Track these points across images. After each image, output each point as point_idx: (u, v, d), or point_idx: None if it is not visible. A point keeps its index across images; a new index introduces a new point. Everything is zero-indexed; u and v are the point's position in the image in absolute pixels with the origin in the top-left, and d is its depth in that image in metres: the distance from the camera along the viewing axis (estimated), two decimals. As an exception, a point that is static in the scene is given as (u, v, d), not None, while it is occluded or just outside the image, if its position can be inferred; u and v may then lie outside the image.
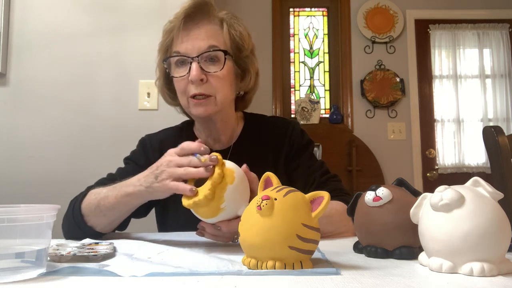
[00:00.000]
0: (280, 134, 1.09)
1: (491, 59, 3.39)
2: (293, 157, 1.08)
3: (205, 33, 0.96)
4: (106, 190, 0.86)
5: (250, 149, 1.07)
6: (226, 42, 0.99)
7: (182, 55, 0.96)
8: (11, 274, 0.49)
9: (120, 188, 0.83)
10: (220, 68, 0.96)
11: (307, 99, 3.33)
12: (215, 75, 0.95)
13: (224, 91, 0.98)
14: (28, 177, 1.75)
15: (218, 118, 1.03)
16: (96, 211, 0.86)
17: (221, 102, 0.98)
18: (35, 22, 1.83)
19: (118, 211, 0.85)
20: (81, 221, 0.87)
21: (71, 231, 0.90)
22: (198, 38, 0.95)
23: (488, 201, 0.52)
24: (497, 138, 1.19)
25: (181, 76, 0.96)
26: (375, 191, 0.64)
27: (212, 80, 0.96)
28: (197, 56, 0.94)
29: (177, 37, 0.97)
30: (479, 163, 3.28)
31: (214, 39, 0.97)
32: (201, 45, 0.95)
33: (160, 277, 0.51)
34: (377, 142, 3.27)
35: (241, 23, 1.03)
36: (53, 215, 0.54)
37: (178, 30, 0.97)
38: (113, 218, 0.87)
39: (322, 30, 3.54)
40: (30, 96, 1.80)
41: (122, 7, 1.84)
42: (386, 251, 0.62)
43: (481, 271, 0.49)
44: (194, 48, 0.95)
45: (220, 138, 1.07)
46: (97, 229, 0.88)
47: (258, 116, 1.16)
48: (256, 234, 0.54)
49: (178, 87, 0.99)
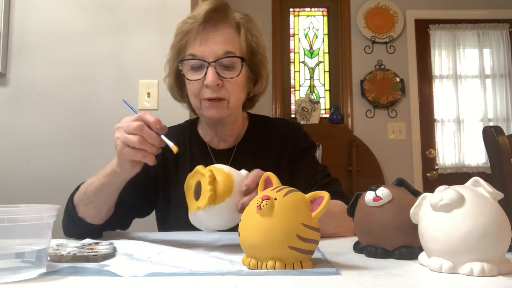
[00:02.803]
0: (284, 136, 1.10)
1: (491, 59, 3.40)
2: (296, 158, 1.09)
3: (222, 38, 0.97)
4: (93, 178, 0.87)
5: (254, 149, 1.08)
6: (242, 47, 0.99)
7: (199, 59, 0.96)
8: (11, 274, 0.49)
9: (102, 171, 0.85)
10: (236, 74, 0.97)
11: (307, 99, 3.33)
12: (230, 80, 0.96)
13: (237, 95, 0.99)
14: (28, 177, 1.75)
15: (228, 120, 1.04)
16: (83, 199, 0.87)
17: (234, 105, 1.00)
18: (35, 22, 1.83)
19: (103, 195, 0.85)
20: (73, 213, 0.88)
21: (68, 226, 0.91)
22: (216, 43, 0.96)
23: (488, 201, 0.52)
24: (497, 138, 1.19)
25: (196, 80, 0.97)
26: (375, 191, 0.64)
27: (228, 85, 0.97)
28: (214, 61, 0.95)
29: (194, 40, 0.97)
30: (479, 163, 3.28)
31: (231, 45, 0.97)
32: (218, 50, 0.95)
33: (160, 277, 0.51)
34: (377, 142, 3.27)
35: (256, 26, 1.04)
36: (53, 215, 0.54)
37: (196, 33, 0.96)
38: (100, 204, 0.87)
39: (322, 30, 3.54)
40: (30, 96, 1.80)
41: (122, 7, 1.84)
42: (386, 251, 0.62)
43: (481, 271, 0.49)
44: (211, 53, 0.95)
45: (226, 138, 1.09)
46: (88, 220, 0.88)
47: (262, 117, 1.18)
48: (256, 234, 0.54)
49: (191, 89, 0.99)
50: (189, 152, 1.09)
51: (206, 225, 0.72)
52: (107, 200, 0.87)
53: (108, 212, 0.90)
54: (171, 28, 1.95)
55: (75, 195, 0.90)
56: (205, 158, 1.08)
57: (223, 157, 1.07)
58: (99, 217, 0.89)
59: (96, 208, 0.87)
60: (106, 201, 0.88)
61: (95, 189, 0.85)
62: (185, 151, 1.09)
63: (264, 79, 1.06)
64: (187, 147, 1.10)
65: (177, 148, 0.75)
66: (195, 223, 0.73)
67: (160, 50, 1.82)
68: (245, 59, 0.99)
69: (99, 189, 0.84)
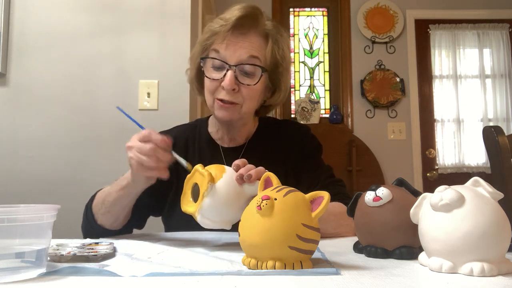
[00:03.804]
0: (291, 137, 1.12)
1: (491, 59, 3.39)
2: (302, 159, 1.10)
3: (249, 44, 0.97)
4: (110, 187, 0.92)
5: (262, 149, 1.09)
6: (267, 57, 0.99)
7: (221, 60, 0.96)
8: (11, 274, 0.49)
9: (118, 183, 0.89)
10: (254, 83, 0.97)
11: (307, 99, 3.33)
12: (247, 87, 0.97)
13: (251, 103, 1.00)
14: (28, 177, 1.75)
15: (239, 123, 1.06)
16: (102, 209, 0.91)
17: (246, 111, 1.00)
18: (35, 22, 1.83)
19: (120, 205, 0.90)
20: (93, 221, 0.93)
21: (87, 231, 0.96)
22: (242, 47, 0.96)
23: (488, 201, 0.52)
24: (497, 138, 1.19)
25: (214, 79, 0.97)
26: (375, 191, 0.64)
27: (244, 91, 0.97)
28: (235, 65, 0.95)
29: (221, 42, 0.97)
30: (479, 163, 3.28)
31: (256, 51, 0.97)
32: (242, 54, 0.95)
33: (160, 277, 0.51)
34: (377, 142, 3.27)
35: (285, 38, 1.03)
36: (53, 215, 0.54)
37: (223, 36, 0.96)
38: (117, 214, 0.92)
39: (322, 30, 3.54)
40: (30, 96, 1.80)
41: (122, 7, 1.84)
42: (386, 251, 0.62)
43: (481, 271, 0.49)
44: (234, 56, 0.95)
45: (235, 138, 1.10)
46: (107, 227, 0.93)
47: (272, 118, 1.20)
48: (256, 234, 0.54)
49: (208, 86, 1.00)
50: (197, 150, 1.10)
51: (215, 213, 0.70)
52: (124, 209, 0.92)
53: (125, 218, 0.95)
54: (171, 28, 1.96)
55: (93, 203, 0.95)
56: (214, 155, 1.09)
57: (232, 155, 1.07)
58: (117, 224, 0.94)
59: (114, 217, 0.92)
60: (123, 210, 0.92)
61: (113, 200, 0.89)
62: (194, 148, 1.11)
63: (282, 91, 1.06)
64: (196, 144, 1.11)
65: (191, 166, 0.76)
66: (204, 221, 0.71)
67: (160, 50, 1.83)
68: (267, 69, 0.99)
69: (116, 201, 0.89)
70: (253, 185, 0.71)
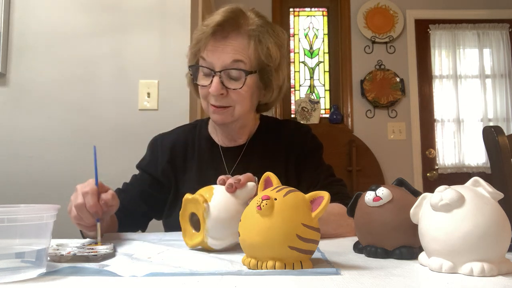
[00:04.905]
0: (293, 136, 1.12)
1: (491, 59, 3.39)
2: (303, 158, 1.10)
3: (232, 48, 0.96)
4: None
5: (263, 149, 1.10)
6: (251, 58, 0.98)
7: (207, 67, 0.97)
8: (11, 274, 0.49)
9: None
10: (240, 86, 0.97)
11: (307, 99, 3.33)
12: (234, 91, 0.97)
13: (243, 105, 1.00)
14: (28, 177, 1.75)
15: (237, 124, 1.06)
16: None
17: (239, 113, 1.01)
18: (35, 22, 1.83)
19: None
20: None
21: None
22: (224, 52, 0.96)
23: (488, 201, 0.52)
24: (497, 138, 1.19)
25: (203, 86, 0.99)
26: (375, 191, 0.64)
27: (232, 94, 0.98)
28: (220, 71, 0.96)
29: (205, 47, 0.97)
30: (479, 163, 3.28)
31: (240, 54, 0.96)
32: (226, 59, 0.96)
33: (160, 277, 0.51)
34: (377, 142, 3.27)
35: (272, 36, 1.01)
36: (53, 215, 0.54)
37: (205, 42, 0.97)
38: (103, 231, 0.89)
39: (322, 30, 3.54)
40: (30, 96, 1.80)
41: (122, 7, 1.84)
42: (386, 251, 0.62)
43: (481, 271, 0.49)
44: (218, 61, 0.96)
45: (235, 138, 1.10)
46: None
47: (273, 118, 1.20)
48: (256, 234, 0.54)
49: (200, 92, 1.02)
50: (197, 150, 1.11)
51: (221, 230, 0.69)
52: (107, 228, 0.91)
53: (114, 228, 0.97)
54: (171, 28, 1.96)
55: None
56: (213, 155, 1.09)
57: (232, 155, 1.08)
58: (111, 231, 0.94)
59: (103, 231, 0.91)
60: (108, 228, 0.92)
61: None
62: (194, 149, 1.11)
63: (274, 89, 1.05)
64: (196, 145, 1.11)
65: (101, 243, 0.76)
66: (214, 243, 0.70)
67: (160, 50, 1.83)
68: (252, 71, 0.98)
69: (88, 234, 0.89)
70: (245, 190, 0.71)
